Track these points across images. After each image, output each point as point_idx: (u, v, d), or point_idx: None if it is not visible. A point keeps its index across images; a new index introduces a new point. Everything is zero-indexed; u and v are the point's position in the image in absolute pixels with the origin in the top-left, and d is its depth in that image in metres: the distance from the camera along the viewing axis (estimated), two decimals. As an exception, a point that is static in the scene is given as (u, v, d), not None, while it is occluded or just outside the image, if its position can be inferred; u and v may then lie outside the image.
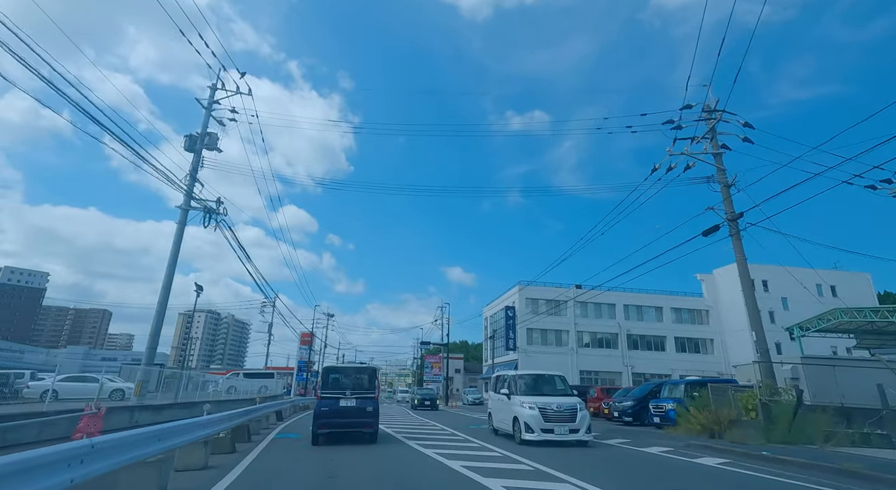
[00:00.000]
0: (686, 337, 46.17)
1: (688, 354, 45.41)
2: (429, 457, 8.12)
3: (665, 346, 45.66)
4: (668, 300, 47.06)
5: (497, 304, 50.78)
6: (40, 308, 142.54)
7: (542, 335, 44.37)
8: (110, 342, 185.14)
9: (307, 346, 57.70)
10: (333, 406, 10.08)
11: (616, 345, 45.01)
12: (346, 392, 10.37)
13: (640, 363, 43.98)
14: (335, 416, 10.00)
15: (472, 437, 11.75)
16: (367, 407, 10.20)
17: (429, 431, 13.08)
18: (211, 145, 16.28)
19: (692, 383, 14.02)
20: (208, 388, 29.80)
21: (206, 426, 6.08)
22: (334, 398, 10.21)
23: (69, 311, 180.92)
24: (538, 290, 44.40)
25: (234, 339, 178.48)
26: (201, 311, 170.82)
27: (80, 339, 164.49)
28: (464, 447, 9.68)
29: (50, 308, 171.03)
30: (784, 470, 7.39)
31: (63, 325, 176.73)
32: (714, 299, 47.03)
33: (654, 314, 46.88)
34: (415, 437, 11.33)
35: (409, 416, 21.03)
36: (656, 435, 12.50)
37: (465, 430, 13.32)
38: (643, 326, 45.91)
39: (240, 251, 17.15)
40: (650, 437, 11.81)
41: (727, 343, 45.42)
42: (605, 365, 43.46)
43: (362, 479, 6.19)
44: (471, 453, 8.75)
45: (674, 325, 46.37)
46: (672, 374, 43.77)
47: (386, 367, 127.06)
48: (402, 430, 13.41)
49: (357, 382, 10.82)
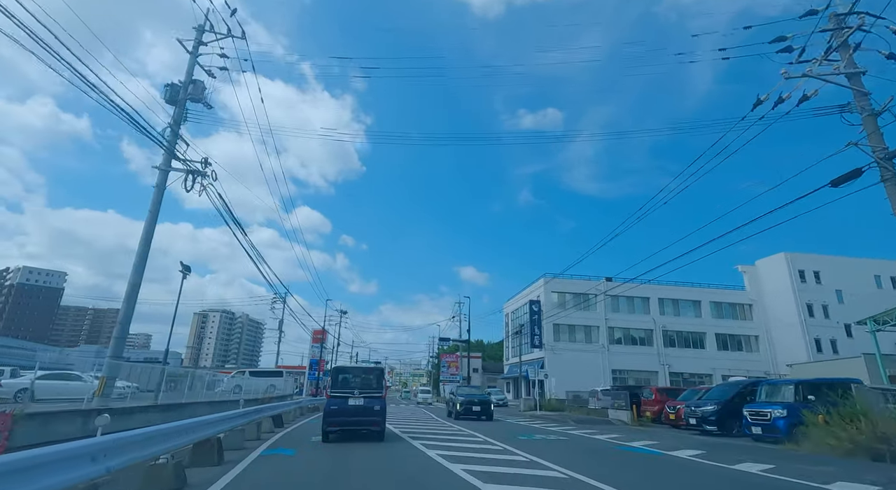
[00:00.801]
0: (728, 333, 42.34)
1: (730, 352, 41.61)
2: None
3: (705, 344, 41.94)
4: (706, 293, 43.30)
5: (519, 299, 47.61)
6: (58, 308, 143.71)
7: (571, 331, 41.06)
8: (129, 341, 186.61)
9: (319, 344, 55.38)
10: (342, 405, 10.38)
11: (651, 342, 41.45)
12: (354, 391, 10.67)
13: (678, 362, 40.37)
14: (344, 414, 10.31)
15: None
16: (375, 406, 10.50)
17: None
18: (196, 96, 13.61)
19: (807, 384, 10.81)
20: (215, 387, 27.49)
21: (95, 458, 3.24)
22: (343, 397, 10.51)
23: (88, 311, 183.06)
24: (565, 283, 41.12)
25: (249, 338, 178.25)
26: (216, 310, 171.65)
27: (98, 338, 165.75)
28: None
29: (69, 308, 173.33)
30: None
31: (82, 324, 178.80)
32: (757, 292, 43.10)
33: (691, 309, 43.17)
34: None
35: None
36: (767, 452, 9.38)
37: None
38: (680, 322, 42.26)
39: (234, 225, 14.46)
40: (763, 454, 8.74)
41: (773, 339, 41.51)
42: (640, 363, 39.96)
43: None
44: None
45: (714, 320, 42.59)
46: (713, 374, 40.15)
47: (400, 367, 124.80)
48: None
49: (365, 382, 11.11)
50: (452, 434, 12.44)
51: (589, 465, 7.31)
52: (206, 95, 13.86)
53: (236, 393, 29.56)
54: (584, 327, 41.26)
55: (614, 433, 13.21)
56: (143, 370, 30.73)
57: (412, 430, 13.13)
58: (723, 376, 39.60)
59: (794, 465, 7.35)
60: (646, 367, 40.01)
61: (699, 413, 12.86)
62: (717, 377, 39.58)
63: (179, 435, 5.21)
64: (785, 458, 8.20)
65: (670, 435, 13.06)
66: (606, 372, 39.17)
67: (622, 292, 37.77)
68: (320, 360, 40.62)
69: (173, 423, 5.38)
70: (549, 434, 12.72)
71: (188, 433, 5.46)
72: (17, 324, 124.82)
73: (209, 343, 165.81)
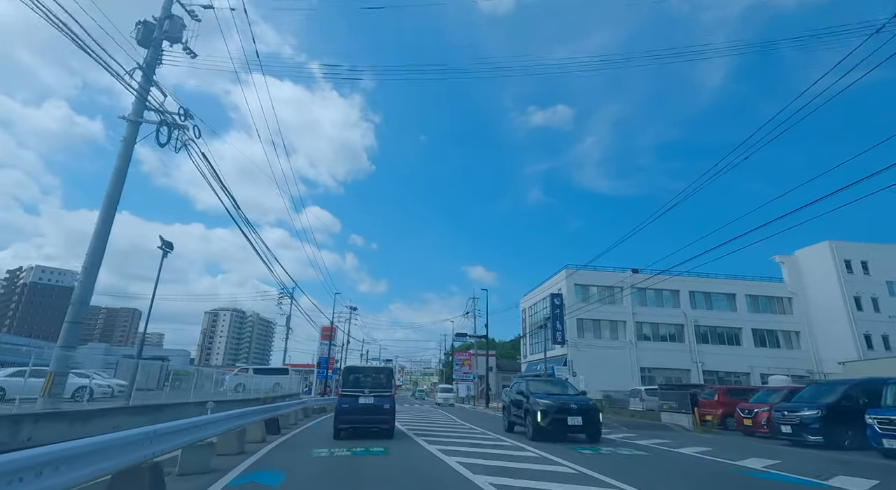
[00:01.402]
0: (765, 328, 39.26)
1: (768, 349, 38.53)
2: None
3: (741, 340, 38.91)
4: (741, 286, 40.23)
5: (538, 293, 44.99)
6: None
7: (595, 326, 38.36)
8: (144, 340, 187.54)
9: (328, 341, 53.41)
10: (353, 404, 10.62)
11: (682, 338, 38.56)
12: (365, 390, 10.87)
13: (712, 359, 37.43)
14: (355, 412, 10.56)
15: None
16: (385, 404, 10.70)
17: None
18: (174, 35, 11.33)
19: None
20: (221, 386, 25.45)
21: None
22: (354, 396, 10.74)
23: (101, 310, 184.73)
24: (589, 275, 38.42)
25: (259, 337, 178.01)
26: (226, 309, 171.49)
27: (111, 337, 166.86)
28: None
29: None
30: None
31: (96, 323, 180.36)
32: (798, 284, 39.91)
33: (725, 302, 40.16)
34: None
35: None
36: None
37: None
38: (713, 316, 39.29)
39: (224, 194, 12.23)
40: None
41: (816, 335, 38.34)
42: (671, 361, 37.10)
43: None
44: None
45: (750, 314, 39.53)
46: (751, 373, 37.19)
47: (410, 366, 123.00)
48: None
49: (376, 381, 11.28)
50: (502, 448, 9.97)
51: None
52: (185, 36, 11.58)
53: (238, 391, 27.55)
54: (610, 322, 38.53)
55: (695, 445, 10.56)
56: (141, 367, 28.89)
57: (446, 441, 10.68)
58: (761, 375, 36.65)
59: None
60: (677, 364, 37.15)
61: (797, 419, 10.20)
62: (755, 376, 36.66)
63: (71, 463, 2.88)
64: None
65: (766, 448, 10.44)
66: (634, 370, 36.44)
67: (650, 285, 35.02)
68: (329, 357, 38.44)
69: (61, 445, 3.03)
70: (613, 445, 10.20)
71: (83, 461, 3.10)
72: (31, 323, 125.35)
73: (220, 342, 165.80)
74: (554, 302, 37.90)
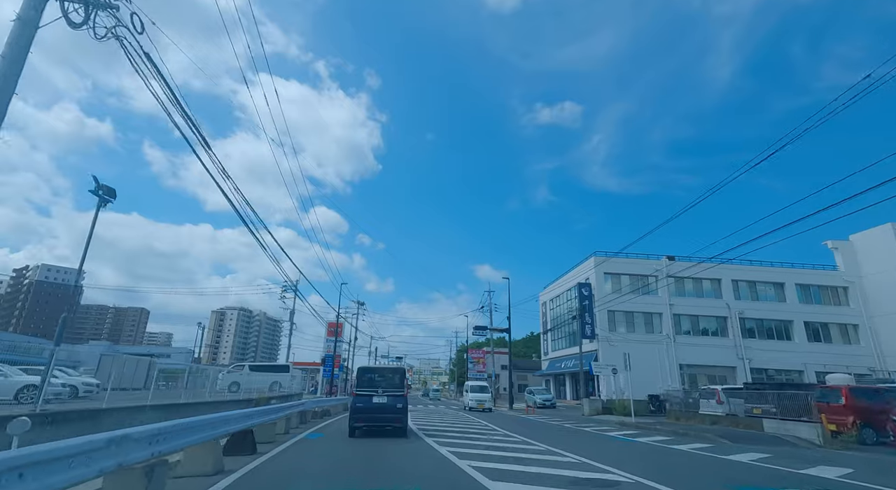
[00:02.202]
0: (819, 321, 35.27)
1: (823, 344, 34.53)
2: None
3: (791, 334, 34.97)
4: (790, 274, 36.26)
5: (561, 285, 41.33)
6: (78, 306, 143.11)
7: (628, 319, 34.65)
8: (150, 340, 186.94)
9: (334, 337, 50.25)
10: (367, 403, 11.03)
11: (725, 332, 34.72)
12: (378, 390, 11.24)
13: (760, 356, 33.56)
14: (369, 411, 10.97)
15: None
16: (398, 404, 11.07)
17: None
18: None
19: None
20: (214, 385, 22.38)
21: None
22: (368, 395, 11.14)
23: (109, 310, 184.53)
24: (620, 262, 34.76)
25: (266, 336, 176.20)
26: (233, 308, 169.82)
27: (119, 336, 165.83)
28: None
29: (91, 306, 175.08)
30: None
31: (104, 323, 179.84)
32: (855, 272, 35.84)
33: (773, 292, 36.22)
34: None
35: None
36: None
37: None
38: (760, 308, 35.38)
39: (195, 133, 8.94)
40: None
41: (877, 329, 34.29)
42: (713, 357, 33.28)
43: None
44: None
45: (801, 306, 35.55)
46: (805, 370, 33.25)
47: (419, 365, 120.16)
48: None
49: (389, 381, 11.60)
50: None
51: None
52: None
53: (233, 391, 24.36)
54: (644, 315, 34.79)
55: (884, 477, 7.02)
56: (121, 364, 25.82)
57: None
58: (817, 373, 32.72)
59: None
60: (720, 361, 33.34)
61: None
62: (810, 374, 32.74)
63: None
64: None
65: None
66: (673, 367, 32.71)
67: (688, 273, 31.30)
68: (335, 355, 35.15)
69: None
70: (750, 472, 6.65)
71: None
72: (37, 322, 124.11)
73: (227, 340, 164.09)
74: (582, 292, 34.26)
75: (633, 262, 35.37)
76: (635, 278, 35.13)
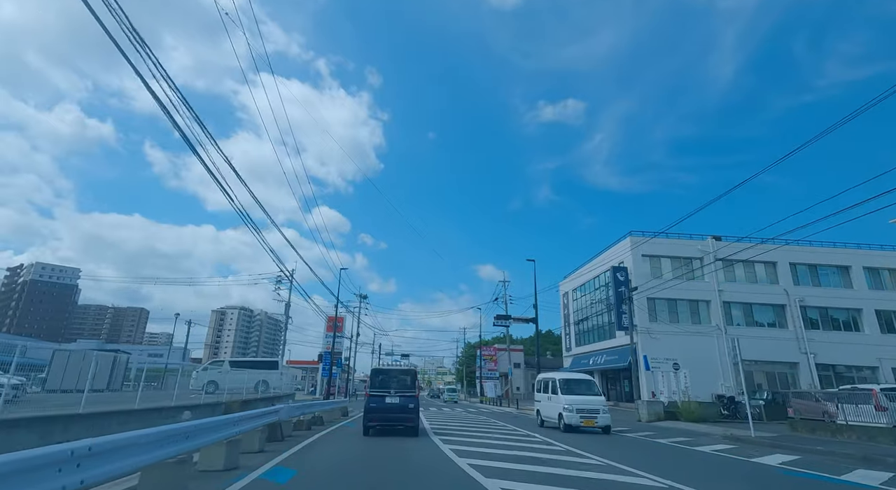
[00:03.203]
0: (892, 310, 30.61)
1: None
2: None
3: (861, 325, 30.34)
4: (856, 256, 31.61)
5: (589, 271, 36.76)
6: (73, 305, 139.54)
7: (671, 308, 30.11)
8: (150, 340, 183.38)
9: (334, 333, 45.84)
10: (381, 403, 11.51)
11: (784, 322, 30.12)
12: (391, 391, 11.73)
13: (825, 349, 28.91)
14: (382, 411, 11.44)
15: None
16: (409, 404, 11.54)
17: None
18: None
19: None
20: (179, 385, 18.07)
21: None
22: (381, 396, 11.62)
23: (108, 310, 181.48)
24: (660, 244, 30.19)
25: (268, 334, 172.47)
26: (234, 308, 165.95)
27: (119, 336, 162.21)
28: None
29: (89, 306, 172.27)
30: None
31: (103, 323, 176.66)
32: (931, 253, 31.18)
33: (837, 277, 31.58)
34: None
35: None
36: None
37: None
38: (823, 295, 30.72)
39: None
40: None
41: (961, 318, 29.60)
42: (772, 352, 28.64)
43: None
44: None
45: (871, 292, 30.90)
46: (879, 367, 28.59)
47: (423, 365, 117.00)
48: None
49: (401, 383, 12.05)
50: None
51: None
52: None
53: (210, 392, 20.05)
54: (689, 302, 30.23)
55: None
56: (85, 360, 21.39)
57: None
58: (894, 370, 28.10)
59: None
60: (780, 356, 28.74)
61: None
62: (886, 370, 28.11)
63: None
64: None
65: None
66: (724, 362, 28.11)
67: (740, 255, 26.72)
68: (332, 351, 30.72)
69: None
70: None
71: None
72: (31, 322, 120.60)
73: (228, 340, 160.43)
74: (617, 277, 29.73)
75: (674, 244, 30.83)
76: (677, 261, 30.60)
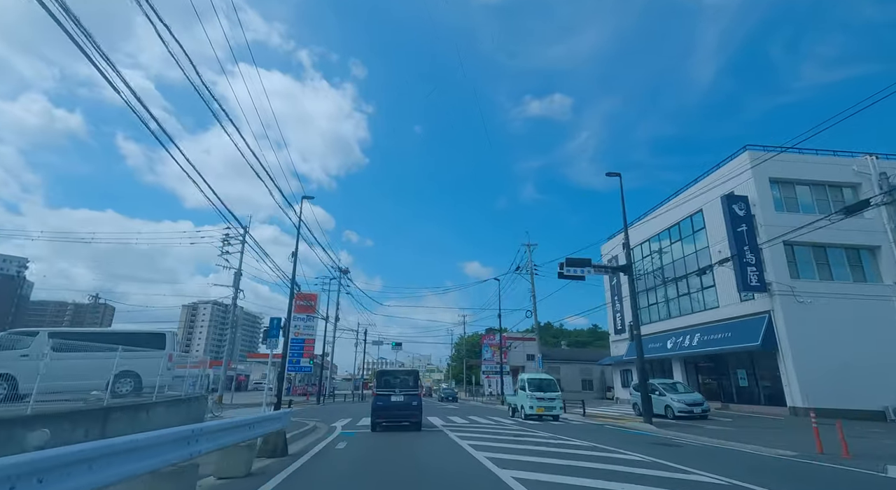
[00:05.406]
0: None
1: None
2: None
3: None
4: None
5: (663, 217, 26.26)
6: (23, 299, 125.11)
7: (819, 258, 19.75)
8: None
9: (307, 314, 34.53)
10: (387, 402, 12.67)
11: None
12: (395, 390, 12.93)
13: None
14: (388, 409, 12.60)
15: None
16: (413, 402, 12.77)
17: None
18: None
19: None
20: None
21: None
22: (387, 395, 12.80)
23: (68, 306, 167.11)
24: (791, 164, 19.84)
25: (245, 331, 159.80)
26: (206, 302, 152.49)
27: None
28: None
29: (48, 302, 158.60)
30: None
31: (62, 320, 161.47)
32: None
33: None
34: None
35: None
36: None
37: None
38: None
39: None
40: None
41: None
42: (977, 323, 18.42)
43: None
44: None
45: None
46: None
47: (410, 362, 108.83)
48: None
49: (404, 383, 13.27)
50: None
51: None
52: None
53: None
54: (846, 249, 19.93)
55: None
56: None
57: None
58: None
59: None
60: None
61: None
62: None
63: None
64: None
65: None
66: None
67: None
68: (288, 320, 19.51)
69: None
70: None
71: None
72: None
73: (200, 336, 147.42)
74: (734, 210, 19.28)
75: (813, 163, 20.48)
76: (821, 189, 20.29)
